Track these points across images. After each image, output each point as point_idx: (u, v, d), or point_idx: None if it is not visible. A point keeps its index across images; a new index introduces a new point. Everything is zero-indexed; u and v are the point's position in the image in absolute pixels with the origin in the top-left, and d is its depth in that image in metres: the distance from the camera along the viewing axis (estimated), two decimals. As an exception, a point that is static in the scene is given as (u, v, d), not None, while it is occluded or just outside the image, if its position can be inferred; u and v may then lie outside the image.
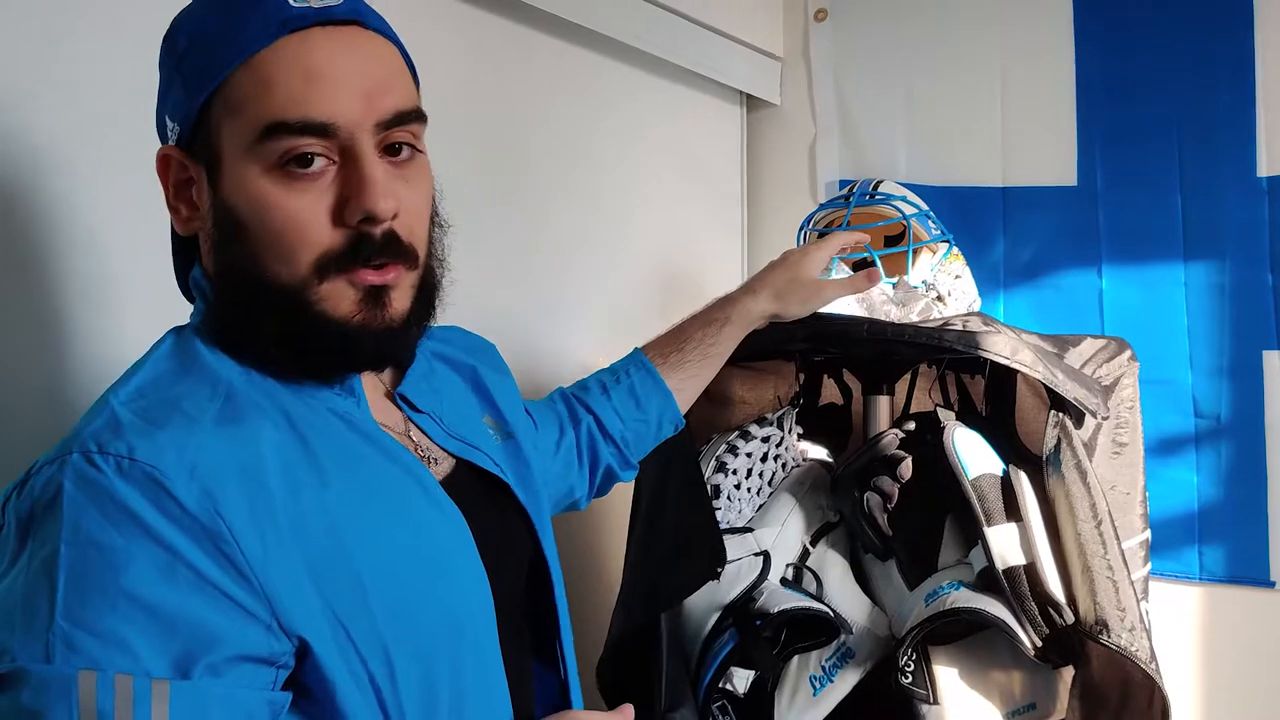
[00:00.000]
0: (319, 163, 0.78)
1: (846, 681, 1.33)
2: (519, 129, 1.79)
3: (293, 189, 0.78)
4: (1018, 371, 1.35)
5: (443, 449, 0.93)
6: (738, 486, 1.47)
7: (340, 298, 0.80)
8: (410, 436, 0.91)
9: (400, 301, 0.83)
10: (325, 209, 0.79)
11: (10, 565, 0.69)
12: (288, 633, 0.70)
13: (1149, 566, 1.47)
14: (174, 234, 0.88)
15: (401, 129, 0.81)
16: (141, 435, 0.71)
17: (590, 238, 1.95)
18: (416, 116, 0.83)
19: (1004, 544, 1.28)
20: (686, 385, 1.30)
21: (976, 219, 2.15)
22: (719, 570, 1.34)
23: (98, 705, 0.63)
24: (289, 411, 0.80)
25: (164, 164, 0.84)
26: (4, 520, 0.71)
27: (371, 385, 0.92)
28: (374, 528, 0.78)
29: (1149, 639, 1.26)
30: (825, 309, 1.36)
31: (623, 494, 1.60)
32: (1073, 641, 1.26)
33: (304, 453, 0.77)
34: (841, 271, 1.56)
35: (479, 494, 0.93)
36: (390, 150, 0.82)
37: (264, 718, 0.70)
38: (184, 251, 0.89)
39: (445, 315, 0.94)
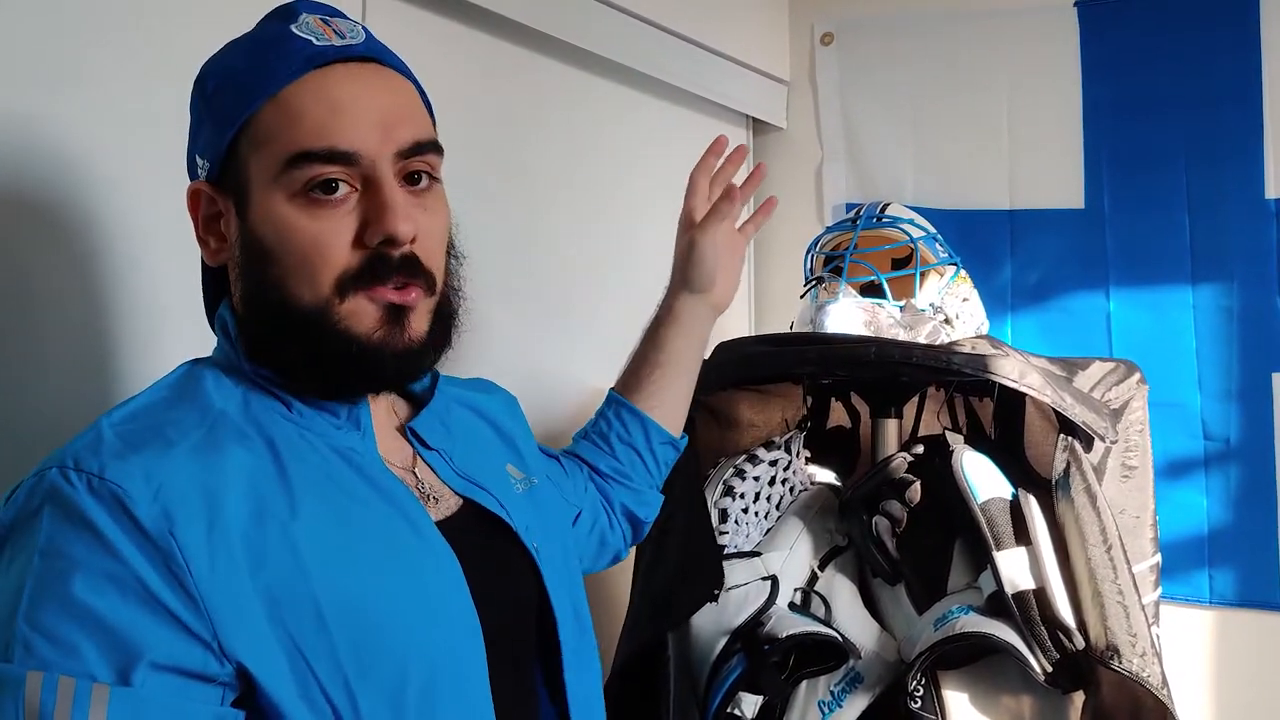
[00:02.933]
0: (342, 190, 0.82)
1: (855, 706, 1.33)
2: (525, 153, 1.80)
3: (317, 214, 0.82)
4: (1026, 395, 1.35)
5: (449, 487, 0.94)
6: (745, 510, 1.47)
7: (362, 315, 0.83)
8: (415, 473, 0.93)
9: (419, 324, 0.86)
10: (347, 232, 0.83)
11: None
12: (227, 655, 0.73)
13: (1159, 590, 1.46)
14: (204, 269, 0.92)
15: (419, 159, 0.86)
16: (116, 456, 0.74)
17: (596, 261, 1.95)
18: (433, 147, 0.87)
19: (1013, 568, 1.28)
20: (660, 403, 1.27)
21: (984, 242, 2.15)
22: (716, 592, 1.33)
23: (40, 704, 0.67)
24: (276, 442, 0.82)
25: (194, 199, 0.88)
26: None
27: (385, 419, 0.94)
28: (342, 561, 0.79)
29: (1160, 664, 1.25)
30: (833, 329, 1.35)
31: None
32: (1083, 667, 1.26)
33: (280, 483, 0.80)
34: (849, 295, 1.56)
35: (483, 533, 0.94)
36: (409, 179, 0.86)
37: None
38: (213, 286, 0.92)
39: (456, 340, 0.95)
